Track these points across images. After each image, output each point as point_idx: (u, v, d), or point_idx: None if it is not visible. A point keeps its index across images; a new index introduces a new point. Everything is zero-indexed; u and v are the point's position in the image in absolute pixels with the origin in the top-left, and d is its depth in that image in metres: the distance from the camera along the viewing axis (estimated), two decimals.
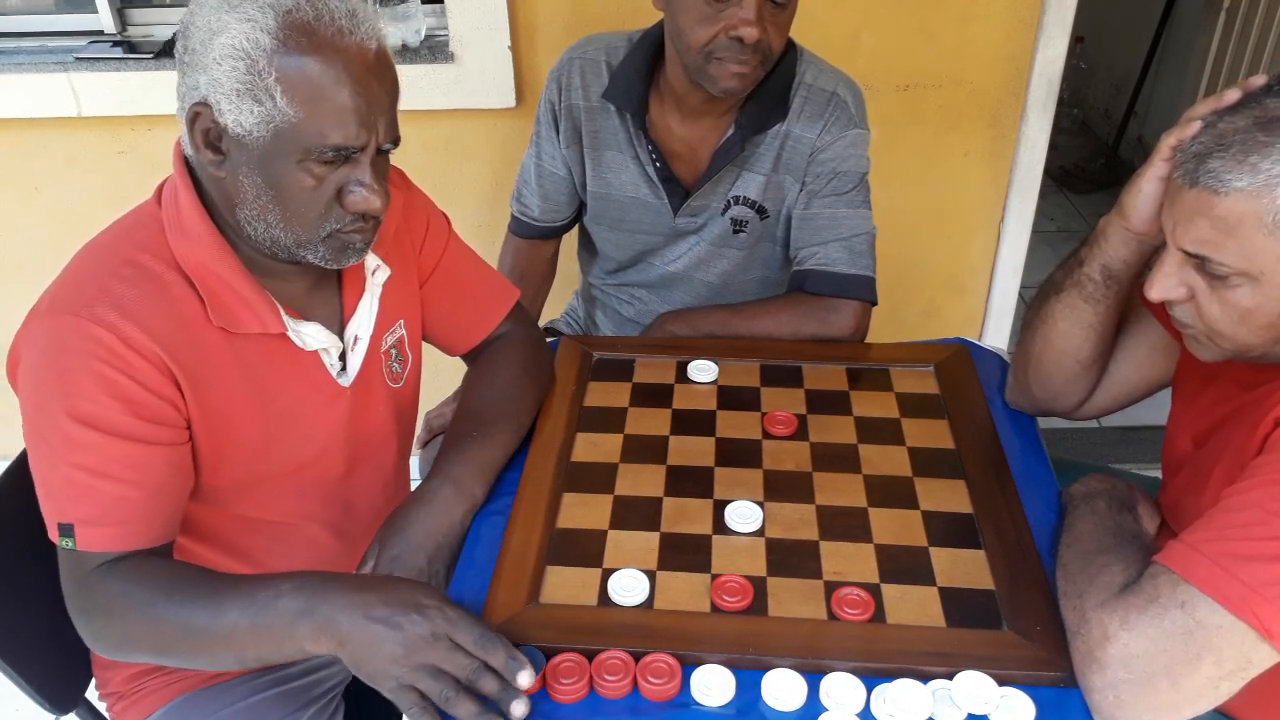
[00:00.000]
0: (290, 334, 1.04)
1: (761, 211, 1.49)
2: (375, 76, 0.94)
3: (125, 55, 2.00)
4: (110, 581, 0.94)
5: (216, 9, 0.90)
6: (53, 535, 0.96)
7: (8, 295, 2.27)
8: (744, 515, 1.10)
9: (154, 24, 2.11)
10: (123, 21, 2.10)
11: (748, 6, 1.25)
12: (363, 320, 1.12)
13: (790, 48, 1.42)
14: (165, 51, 1.99)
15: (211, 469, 1.04)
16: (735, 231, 1.51)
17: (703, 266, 1.57)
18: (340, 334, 1.11)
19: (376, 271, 1.12)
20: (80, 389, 0.92)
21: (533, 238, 1.64)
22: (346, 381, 1.11)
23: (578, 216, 1.64)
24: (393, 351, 1.17)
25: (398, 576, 0.97)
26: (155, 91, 1.98)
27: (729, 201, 1.49)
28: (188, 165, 1.00)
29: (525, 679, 0.87)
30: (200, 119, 0.93)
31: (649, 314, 1.61)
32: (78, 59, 1.98)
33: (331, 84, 0.90)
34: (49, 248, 2.20)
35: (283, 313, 1.03)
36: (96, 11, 2.07)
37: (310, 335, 1.06)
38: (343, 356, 1.11)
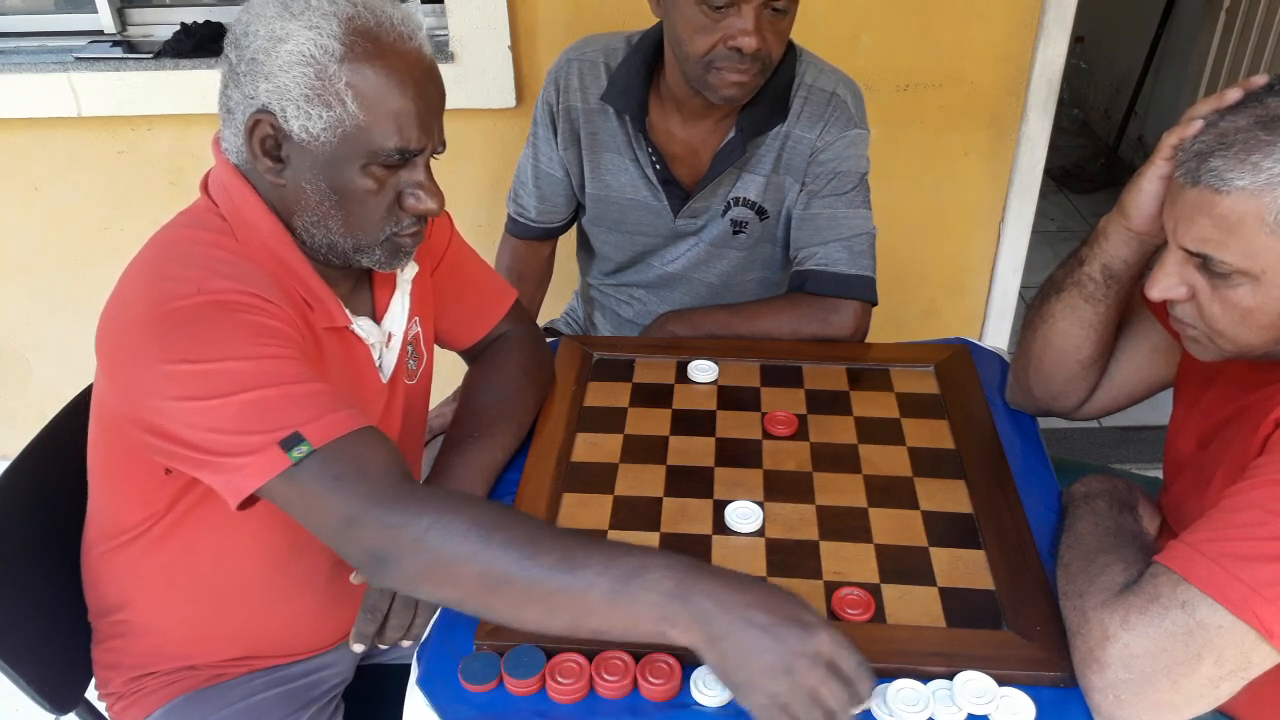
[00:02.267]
0: (354, 327, 1.06)
1: (761, 212, 1.49)
2: (431, 81, 0.97)
3: (125, 55, 2.00)
4: (425, 499, 0.87)
5: (276, 17, 0.91)
6: (273, 467, 0.87)
7: (8, 295, 2.28)
8: (744, 515, 1.09)
9: (154, 24, 2.11)
10: (123, 21, 2.10)
11: (746, 16, 1.24)
12: (396, 317, 1.13)
13: (790, 48, 1.42)
14: (165, 51, 2.00)
15: None
16: (735, 232, 1.51)
17: (702, 267, 1.57)
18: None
19: (405, 269, 1.13)
20: (228, 334, 0.89)
21: (530, 238, 1.63)
22: (384, 378, 1.13)
23: (575, 217, 1.64)
24: (410, 348, 1.18)
25: (772, 585, 0.86)
26: (155, 91, 1.98)
27: (729, 203, 1.49)
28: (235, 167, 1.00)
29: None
30: (260, 127, 0.93)
31: (648, 314, 1.61)
32: (78, 59, 1.98)
33: (397, 88, 0.92)
34: (49, 248, 2.21)
35: (344, 306, 1.05)
36: (96, 11, 2.07)
37: (367, 329, 1.08)
38: (379, 355, 1.12)
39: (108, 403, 1.00)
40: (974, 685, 0.89)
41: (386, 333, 1.12)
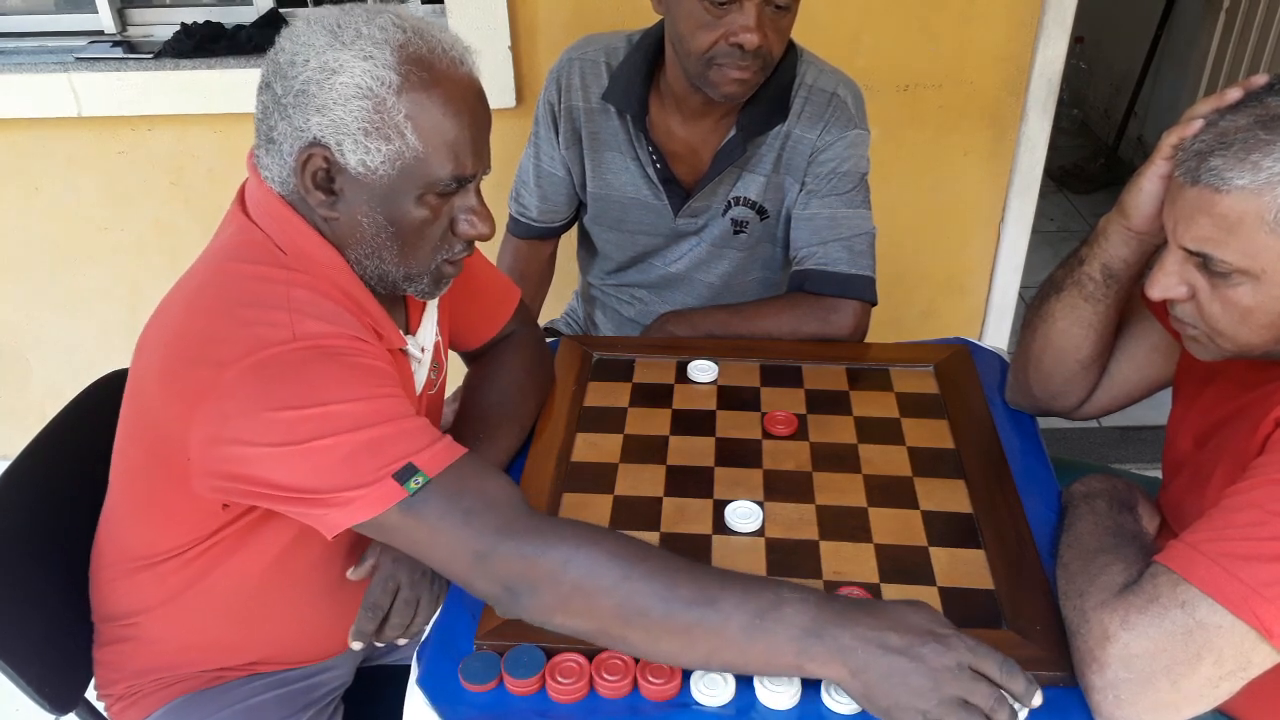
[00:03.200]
0: (409, 348, 1.06)
1: (761, 212, 1.49)
2: (482, 105, 0.95)
3: (125, 55, 2.00)
4: (562, 530, 0.88)
5: (328, 47, 0.88)
6: (389, 498, 0.86)
7: (8, 295, 2.28)
8: (744, 515, 1.09)
9: (154, 24, 2.11)
10: (123, 21, 2.10)
11: (748, 12, 1.24)
12: (427, 333, 1.13)
13: (790, 48, 1.42)
14: (165, 52, 2.00)
15: None
16: (736, 232, 1.51)
17: (703, 267, 1.57)
18: None
19: None
20: (344, 382, 0.88)
21: (531, 238, 1.63)
22: (417, 392, 1.12)
23: (576, 217, 1.64)
24: (431, 359, 1.18)
25: (901, 602, 0.87)
26: (155, 92, 1.98)
27: (730, 202, 1.49)
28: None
29: (1039, 699, 0.83)
30: (313, 160, 0.90)
31: (649, 314, 1.61)
32: (78, 59, 1.98)
33: (454, 116, 0.91)
34: (49, 248, 2.21)
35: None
36: (96, 11, 2.07)
37: (415, 349, 1.08)
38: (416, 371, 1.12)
39: (170, 436, 0.92)
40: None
41: (419, 348, 1.12)
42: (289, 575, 1.09)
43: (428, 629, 1.01)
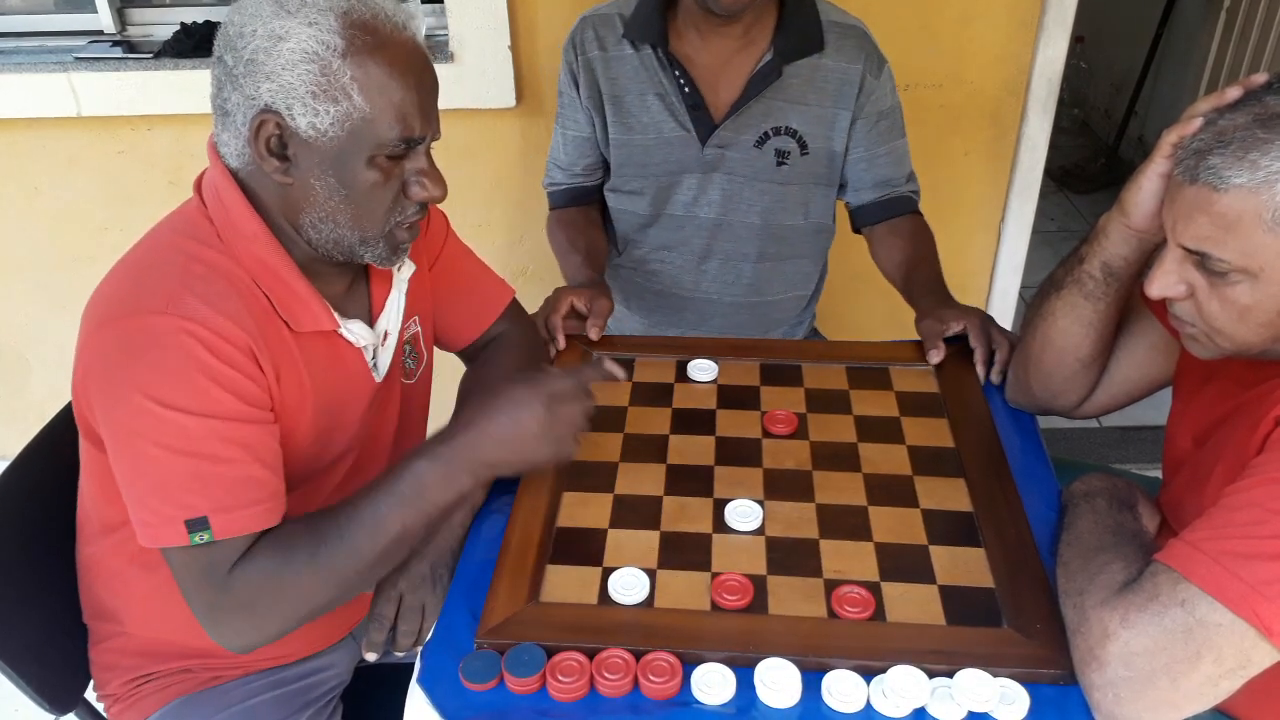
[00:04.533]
0: (342, 330, 1.06)
1: (803, 145, 1.51)
2: (427, 69, 0.98)
3: (125, 55, 2.00)
4: (258, 563, 0.94)
5: (273, 16, 0.91)
6: (172, 539, 0.92)
7: (8, 295, 2.28)
8: (744, 514, 1.09)
9: (154, 24, 2.11)
10: (122, 21, 2.10)
11: None
12: (391, 316, 1.13)
13: None
14: (165, 51, 2.00)
15: None
16: (779, 164, 1.52)
17: (740, 207, 1.56)
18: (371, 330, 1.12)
19: (402, 268, 1.13)
20: (186, 381, 0.91)
21: (572, 204, 1.64)
22: (378, 377, 1.13)
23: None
24: (407, 347, 1.18)
25: (493, 401, 1.02)
26: (155, 91, 1.98)
27: (767, 133, 1.50)
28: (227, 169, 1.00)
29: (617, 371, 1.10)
30: (265, 127, 0.93)
31: (682, 282, 1.64)
32: (77, 59, 1.98)
33: (398, 78, 0.93)
34: (49, 248, 2.21)
35: (332, 310, 1.05)
36: (96, 11, 2.07)
37: (357, 332, 1.08)
38: (373, 354, 1.13)
39: (75, 393, 1.01)
40: (973, 683, 0.89)
41: (382, 332, 1.12)
42: None
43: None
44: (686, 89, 1.48)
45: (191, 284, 0.94)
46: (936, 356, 1.33)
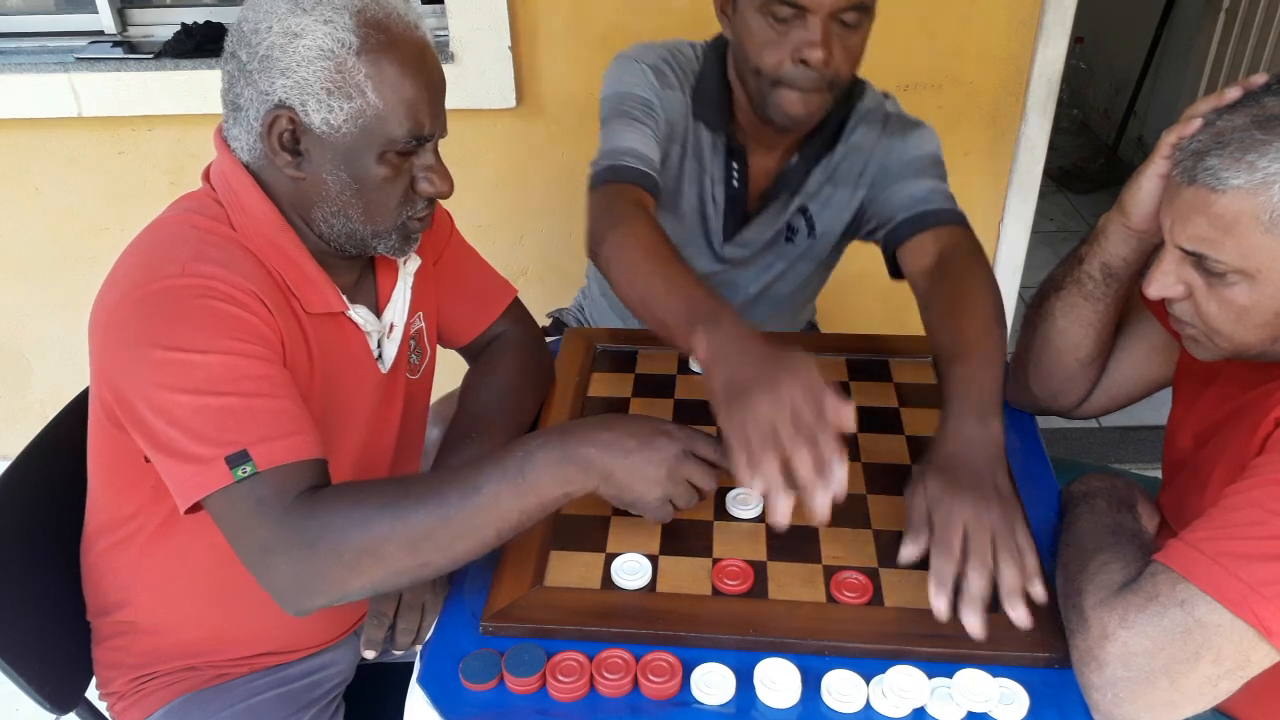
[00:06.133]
0: (350, 313, 1.07)
1: (811, 226, 1.47)
2: (436, 68, 1.00)
3: (125, 55, 2.00)
4: (325, 501, 0.90)
5: (288, 14, 0.92)
6: (214, 481, 0.88)
7: (8, 295, 2.28)
8: (745, 501, 1.10)
9: (154, 24, 2.12)
10: (123, 21, 2.11)
11: (813, 27, 1.19)
12: (397, 308, 1.14)
13: (855, 82, 1.37)
14: (165, 52, 2.00)
15: None
16: (786, 239, 1.48)
17: (744, 276, 1.53)
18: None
19: (408, 261, 1.14)
20: (204, 326, 0.91)
21: (646, 190, 1.27)
22: (384, 368, 1.14)
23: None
24: (412, 342, 1.18)
25: (631, 416, 1.02)
26: (155, 92, 1.98)
27: (786, 225, 1.46)
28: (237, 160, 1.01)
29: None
30: (279, 122, 0.94)
31: None
32: (78, 59, 1.99)
33: (411, 76, 0.95)
34: (49, 248, 2.21)
35: (341, 293, 1.06)
36: (96, 11, 2.07)
37: (364, 318, 1.09)
38: (378, 344, 1.13)
39: (94, 384, 1.01)
40: (972, 682, 0.89)
41: (388, 323, 1.13)
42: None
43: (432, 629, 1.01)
44: (735, 183, 1.41)
45: (206, 252, 0.95)
46: (905, 552, 0.96)
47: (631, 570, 1.01)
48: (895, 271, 1.37)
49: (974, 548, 0.92)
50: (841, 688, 0.90)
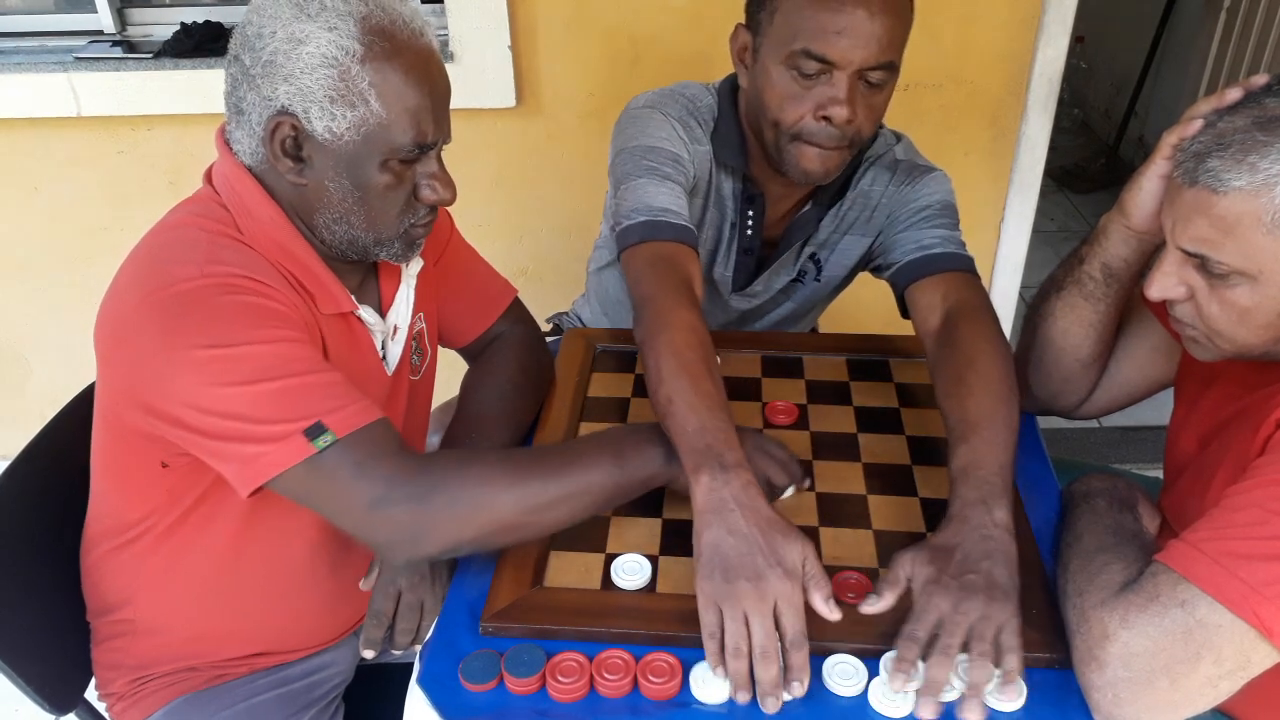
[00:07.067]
0: (359, 313, 1.07)
1: (819, 268, 1.46)
2: (441, 75, 0.99)
3: (125, 55, 2.00)
4: (439, 455, 0.96)
5: (293, 19, 0.91)
6: (295, 454, 0.89)
7: (8, 295, 2.28)
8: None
9: (154, 24, 2.11)
10: (122, 21, 2.11)
11: (839, 84, 1.15)
12: (401, 310, 1.14)
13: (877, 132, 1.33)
14: (165, 51, 2.00)
15: None
16: (793, 281, 1.47)
17: (749, 322, 1.54)
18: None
19: (410, 263, 1.14)
20: (239, 319, 0.91)
21: (677, 240, 1.22)
22: (389, 370, 1.14)
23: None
24: (414, 343, 1.18)
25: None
26: (155, 92, 1.98)
27: (799, 271, 1.45)
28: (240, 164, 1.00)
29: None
30: (281, 128, 0.94)
31: None
32: (77, 59, 1.98)
33: (415, 84, 0.94)
34: (49, 248, 2.21)
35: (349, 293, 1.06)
36: (96, 11, 2.07)
37: (371, 319, 1.09)
38: (383, 346, 1.13)
39: (107, 393, 1.00)
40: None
41: (392, 325, 1.13)
42: (266, 555, 1.10)
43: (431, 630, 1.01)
44: (750, 231, 1.39)
45: (219, 254, 0.95)
46: (864, 608, 0.95)
47: (631, 570, 1.01)
48: (906, 311, 1.34)
49: (941, 644, 0.87)
50: (842, 669, 0.91)
